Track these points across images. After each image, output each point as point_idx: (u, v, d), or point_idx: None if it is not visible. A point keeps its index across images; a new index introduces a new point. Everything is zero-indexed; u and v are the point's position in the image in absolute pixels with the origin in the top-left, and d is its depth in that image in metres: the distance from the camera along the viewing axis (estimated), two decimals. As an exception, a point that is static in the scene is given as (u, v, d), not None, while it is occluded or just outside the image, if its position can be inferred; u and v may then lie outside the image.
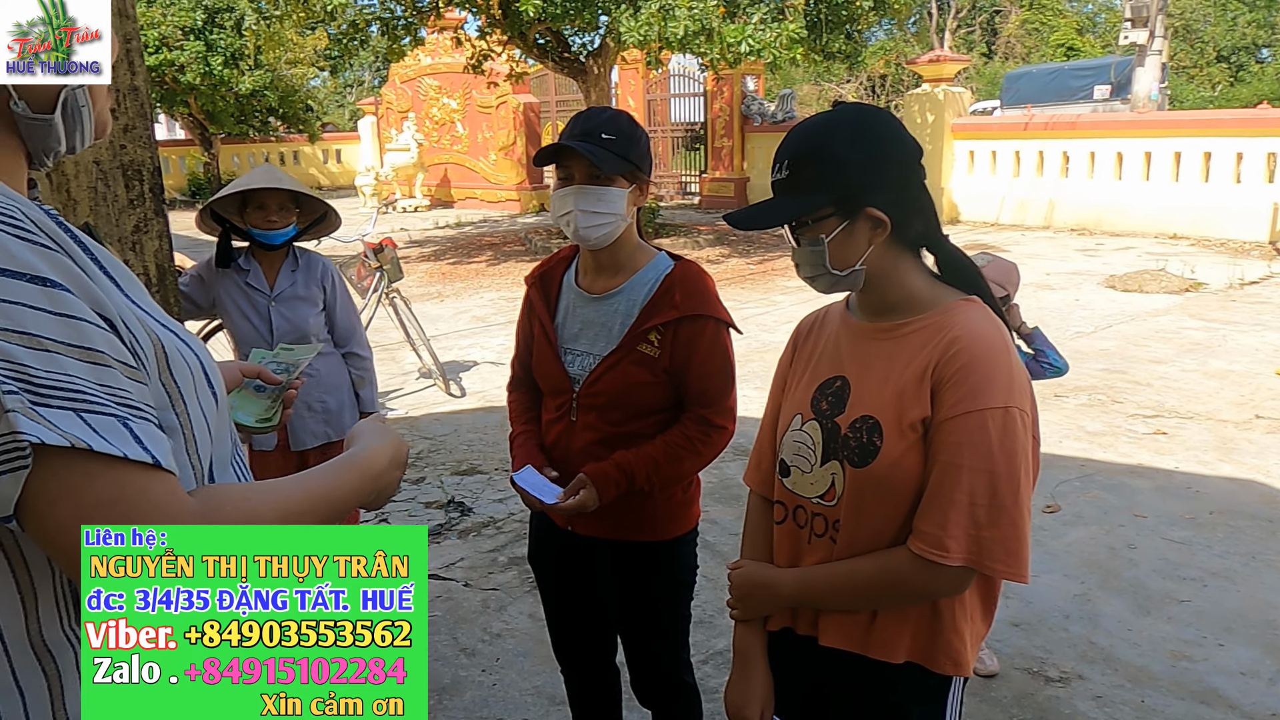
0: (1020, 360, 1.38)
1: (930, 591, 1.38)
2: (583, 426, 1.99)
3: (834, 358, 1.50)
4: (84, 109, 0.98)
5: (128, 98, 1.55)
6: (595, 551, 2.08)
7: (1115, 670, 2.99)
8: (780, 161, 1.40)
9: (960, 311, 1.39)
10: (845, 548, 1.43)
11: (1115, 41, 22.70)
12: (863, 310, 1.49)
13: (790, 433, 1.52)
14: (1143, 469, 4.68)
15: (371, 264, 6.55)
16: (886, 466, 1.37)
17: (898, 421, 1.36)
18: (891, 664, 1.43)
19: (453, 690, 2.99)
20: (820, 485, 1.46)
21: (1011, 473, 1.30)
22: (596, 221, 1.89)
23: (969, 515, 1.31)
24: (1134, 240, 11.75)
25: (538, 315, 2.07)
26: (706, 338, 1.93)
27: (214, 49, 19.42)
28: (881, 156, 1.38)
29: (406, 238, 14.40)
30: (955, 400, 1.32)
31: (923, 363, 1.36)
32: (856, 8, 11.25)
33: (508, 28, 11.58)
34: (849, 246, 1.38)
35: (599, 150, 1.85)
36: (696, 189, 18.30)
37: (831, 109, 1.44)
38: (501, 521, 4.30)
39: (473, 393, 6.48)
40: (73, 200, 1.54)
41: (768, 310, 8.63)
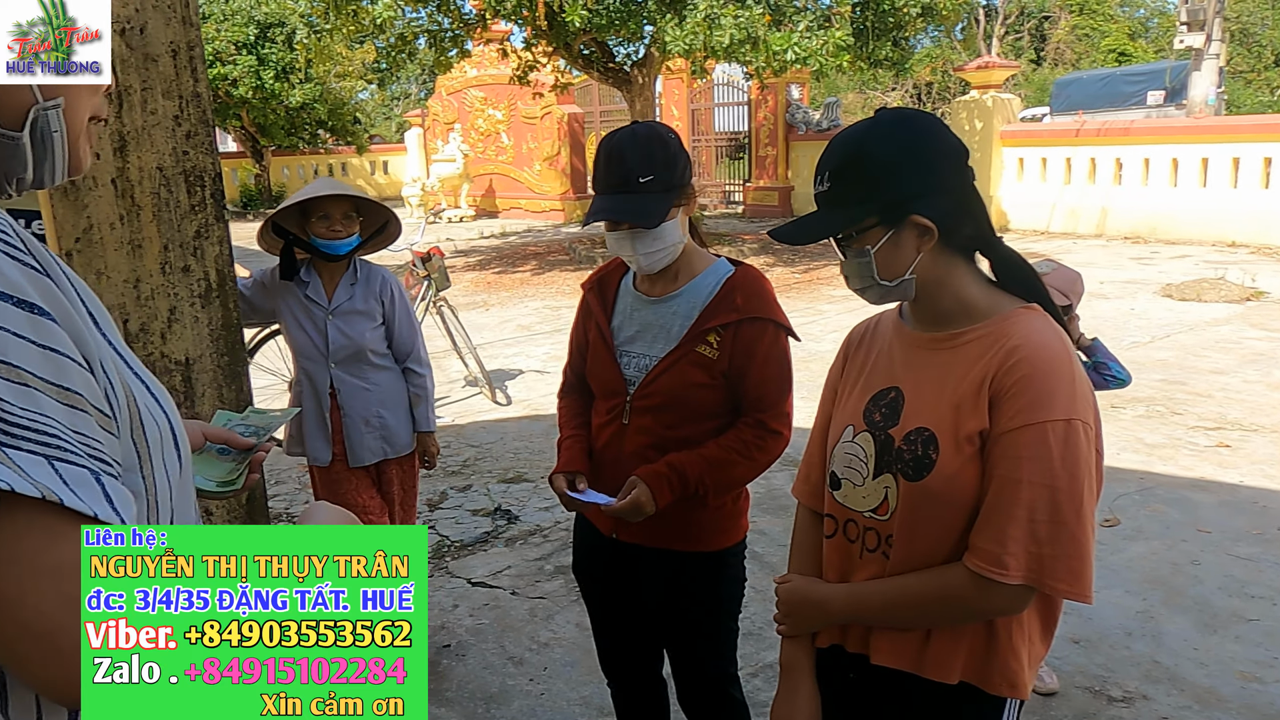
0: (1083, 371, 1.33)
1: (988, 610, 1.33)
2: (635, 430, 1.97)
3: (887, 368, 1.46)
4: (56, 135, 0.87)
5: (190, 104, 1.57)
6: (642, 562, 2.05)
7: (1181, 691, 2.89)
8: (821, 173, 1.37)
9: (1019, 320, 1.35)
10: (899, 563, 1.39)
11: (1169, 46, 22.26)
12: (916, 319, 1.45)
13: (841, 444, 1.48)
14: (1205, 483, 4.54)
15: (419, 273, 6.61)
16: (942, 480, 1.32)
17: (954, 434, 1.32)
18: (945, 684, 1.38)
19: (500, 699, 2.98)
20: (873, 499, 1.42)
21: (1074, 488, 1.25)
22: (658, 257, 1.91)
23: (1029, 532, 1.26)
24: (1190, 248, 11.46)
25: (594, 318, 2.06)
26: (766, 341, 1.91)
27: (266, 63, 19.84)
28: (924, 161, 1.33)
29: (452, 247, 14.54)
30: (1015, 412, 1.27)
31: (980, 373, 1.32)
32: (904, 14, 11.14)
33: (553, 39, 11.66)
34: (896, 256, 1.34)
35: (642, 204, 1.84)
36: (740, 198, 18.25)
37: (873, 115, 1.40)
38: (548, 530, 4.30)
39: (518, 401, 6.50)
40: (137, 206, 1.56)
41: (814, 320, 8.55)
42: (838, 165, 1.36)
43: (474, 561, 4.00)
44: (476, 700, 2.98)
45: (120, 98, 1.52)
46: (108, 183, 1.54)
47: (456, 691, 3.03)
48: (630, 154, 1.84)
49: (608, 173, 1.87)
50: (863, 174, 1.33)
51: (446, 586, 3.78)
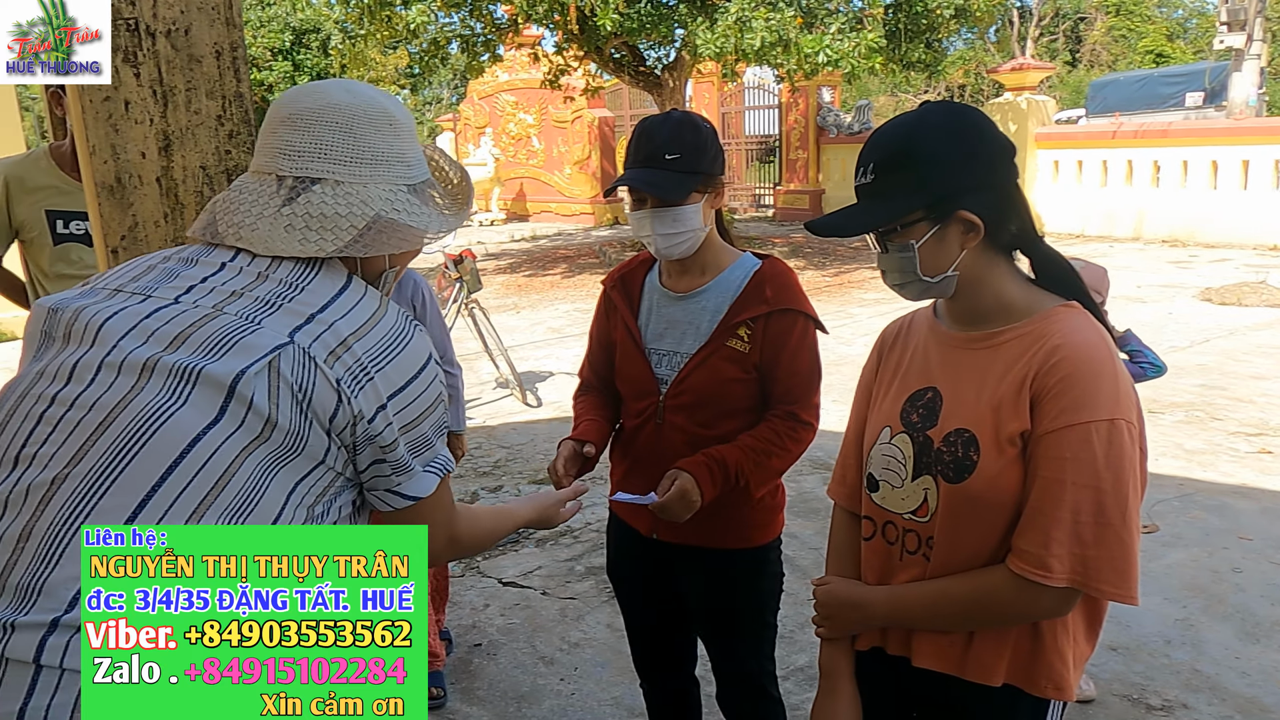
0: (1126, 370, 1.30)
1: (1032, 613, 1.31)
2: (670, 428, 1.96)
3: (923, 368, 1.44)
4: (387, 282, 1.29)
5: (233, 104, 1.59)
6: (680, 561, 2.05)
7: (1223, 700, 2.83)
8: (865, 165, 1.34)
9: (1060, 318, 1.32)
10: (940, 566, 1.37)
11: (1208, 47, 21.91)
12: (953, 318, 1.43)
13: (878, 446, 1.46)
14: (1247, 489, 4.45)
15: (451, 275, 6.66)
16: (984, 482, 1.30)
17: (995, 435, 1.30)
18: (989, 687, 1.36)
19: (531, 698, 2.99)
20: (912, 501, 1.40)
21: (1119, 488, 1.23)
22: (676, 240, 1.89)
23: (1073, 533, 1.24)
24: (1230, 251, 11.27)
25: (621, 317, 2.04)
26: (797, 332, 1.91)
27: (301, 68, 20.10)
28: (973, 156, 1.31)
29: (483, 251, 14.62)
30: (1057, 412, 1.25)
31: (1021, 373, 1.30)
32: (937, 16, 11.06)
33: (584, 43, 11.70)
34: (940, 252, 1.32)
35: (664, 179, 1.83)
36: (770, 201, 18.19)
37: (919, 108, 1.37)
38: (579, 531, 4.30)
39: (548, 403, 6.53)
40: (180, 204, 1.58)
41: (845, 323, 8.50)
42: (884, 157, 1.33)
43: (505, 561, 4.01)
44: (508, 699, 2.99)
45: (165, 98, 1.55)
46: (152, 181, 1.57)
47: (488, 690, 3.04)
48: (660, 132, 1.86)
49: (636, 149, 1.88)
50: (911, 166, 1.30)
51: (478, 586, 3.79)
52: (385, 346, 1.11)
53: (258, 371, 1.04)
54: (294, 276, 1.13)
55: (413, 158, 1.24)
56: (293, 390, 1.04)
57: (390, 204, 1.18)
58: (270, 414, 1.04)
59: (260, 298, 1.10)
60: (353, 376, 1.08)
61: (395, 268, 1.28)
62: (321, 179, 1.15)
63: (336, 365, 1.07)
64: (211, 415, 1.02)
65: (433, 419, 1.18)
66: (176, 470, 0.99)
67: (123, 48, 1.50)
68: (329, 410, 1.07)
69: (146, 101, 1.54)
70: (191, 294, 1.11)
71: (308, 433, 1.06)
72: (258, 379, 1.03)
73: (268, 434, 1.04)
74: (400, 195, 1.20)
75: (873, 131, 1.39)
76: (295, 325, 1.07)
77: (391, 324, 1.14)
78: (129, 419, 1.02)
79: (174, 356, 1.05)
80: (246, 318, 1.08)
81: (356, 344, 1.09)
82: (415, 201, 1.22)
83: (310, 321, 1.08)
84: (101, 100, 1.50)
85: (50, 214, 2.86)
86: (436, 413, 1.18)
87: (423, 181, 1.26)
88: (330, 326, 1.08)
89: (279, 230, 1.13)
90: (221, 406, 1.03)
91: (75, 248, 2.87)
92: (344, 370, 1.07)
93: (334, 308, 1.10)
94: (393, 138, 1.20)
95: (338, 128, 1.16)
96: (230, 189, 1.20)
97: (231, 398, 1.03)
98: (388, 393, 1.11)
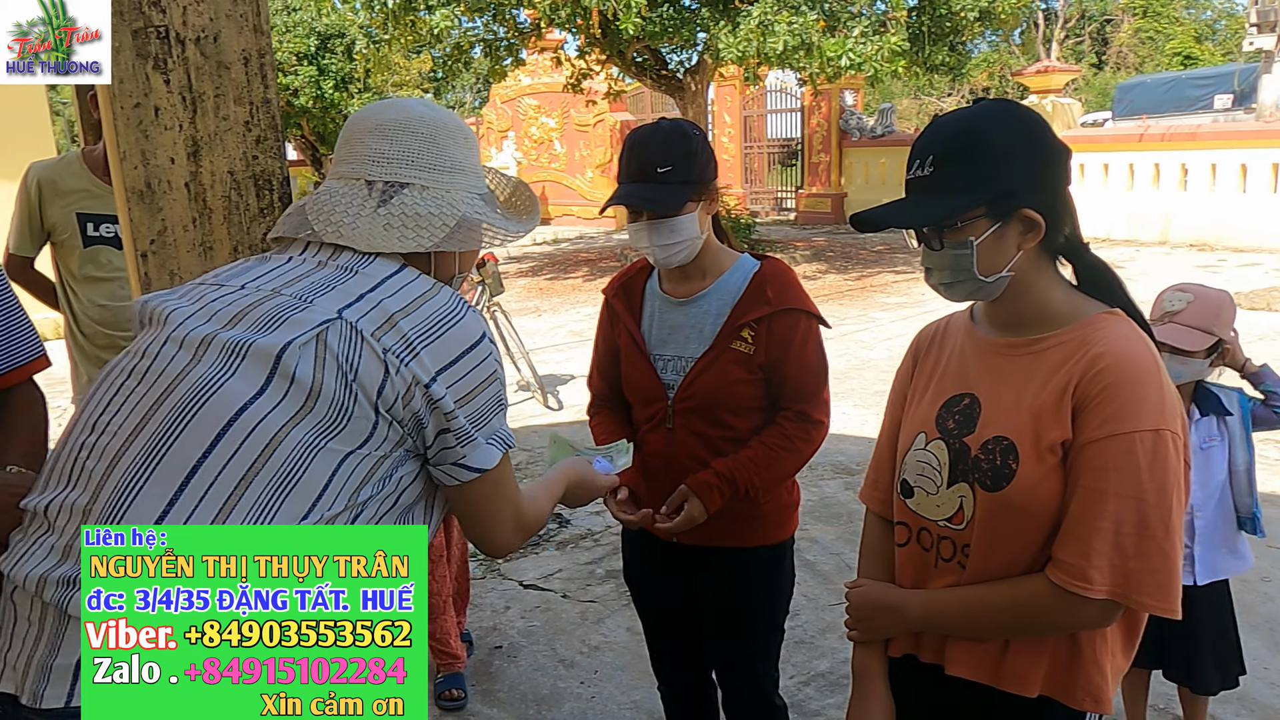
0: (1170, 379, 1.27)
1: (1071, 624, 1.29)
2: (680, 432, 1.97)
3: (959, 373, 1.42)
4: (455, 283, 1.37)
5: (260, 110, 1.61)
6: (699, 562, 2.05)
7: (1251, 711, 2.79)
8: (923, 157, 1.29)
9: (1103, 326, 1.30)
10: (975, 574, 1.35)
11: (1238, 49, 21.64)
12: (991, 323, 1.40)
13: (913, 451, 1.44)
14: (1275, 497, 4.38)
15: (473, 278, 6.68)
16: (1023, 491, 1.28)
17: (1035, 444, 1.28)
18: (1024, 698, 1.34)
19: (551, 701, 3.00)
20: (948, 508, 1.38)
21: (1163, 500, 1.21)
22: (675, 250, 1.91)
23: (1114, 545, 1.22)
24: (1260, 256, 11.11)
25: (624, 324, 2.06)
26: (801, 331, 1.92)
27: (326, 73, 20.25)
28: (1037, 154, 1.28)
29: (505, 254, 14.67)
30: (1100, 422, 1.23)
31: (1062, 381, 1.27)
32: (961, 19, 11.00)
33: (607, 46, 11.73)
34: (998, 251, 1.28)
35: (658, 193, 1.85)
36: (792, 205, 18.14)
37: (975, 103, 1.34)
38: (599, 534, 4.31)
39: (569, 405, 6.54)
40: (208, 209, 1.61)
41: (866, 327, 8.47)
42: (946, 150, 1.28)
43: (525, 564, 4.03)
44: (528, 702, 3.00)
45: (194, 104, 1.58)
46: (181, 186, 1.60)
47: (508, 693, 3.05)
48: (650, 145, 1.87)
49: (628, 163, 1.90)
50: (976, 160, 1.26)
51: (499, 589, 3.81)
52: (434, 323, 1.17)
53: (304, 343, 1.11)
54: (351, 263, 1.21)
55: (479, 168, 1.37)
56: (339, 362, 1.10)
57: (471, 207, 1.31)
58: (313, 385, 1.09)
59: (316, 281, 1.19)
60: (402, 348, 1.13)
61: (464, 271, 1.39)
62: (409, 184, 1.27)
63: (384, 338, 1.13)
64: (258, 385, 1.09)
65: (488, 394, 1.22)
66: (225, 438, 1.06)
67: (153, 55, 1.53)
68: (375, 382, 1.12)
69: (176, 108, 1.56)
70: (256, 281, 1.21)
71: (352, 406, 1.11)
72: (304, 350, 1.10)
73: (311, 404, 1.09)
74: (475, 201, 1.33)
75: (930, 124, 1.35)
76: (345, 304, 1.15)
77: (441, 304, 1.20)
78: (185, 389, 1.10)
79: (229, 333, 1.13)
80: (300, 297, 1.16)
81: (403, 320, 1.15)
82: (487, 208, 1.35)
83: (359, 300, 1.15)
84: (132, 107, 1.53)
85: (81, 217, 2.90)
86: (492, 389, 1.23)
87: (489, 191, 1.39)
88: (378, 304, 1.15)
89: (378, 229, 1.23)
90: (268, 377, 1.10)
91: (104, 250, 2.91)
92: (393, 343, 1.13)
93: (383, 288, 1.18)
94: (467, 150, 1.34)
95: (423, 138, 1.28)
96: (318, 193, 1.31)
97: (276, 369, 1.10)
98: (436, 367, 1.15)
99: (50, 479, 1.15)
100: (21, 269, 3.03)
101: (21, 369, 1.63)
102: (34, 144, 7.95)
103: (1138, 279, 10.09)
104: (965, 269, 1.29)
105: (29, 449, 1.58)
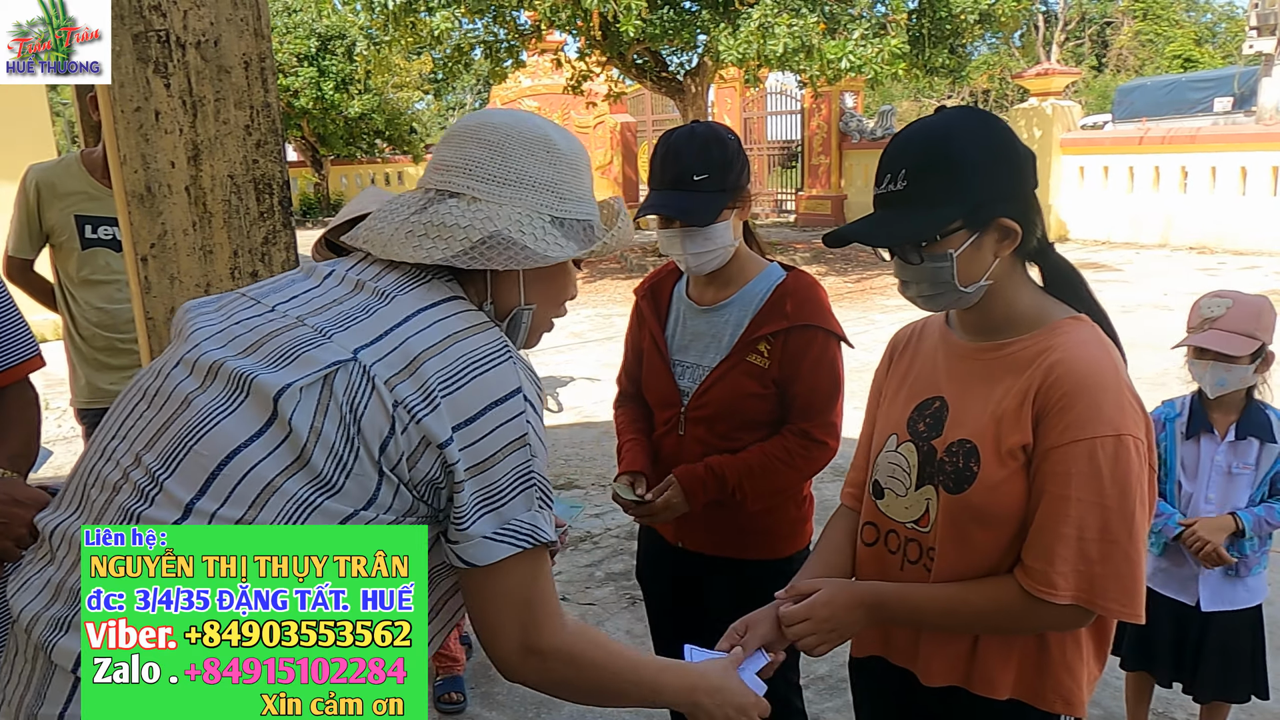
0: (1131, 383, 1.27)
1: (1039, 626, 1.31)
2: (691, 440, 1.96)
3: (931, 377, 1.43)
4: (521, 327, 1.21)
5: (260, 114, 1.61)
6: (706, 570, 2.05)
7: (1251, 716, 2.79)
8: (894, 170, 1.27)
9: (1065, 331, 1.30)
10: (941, 576, 1.35)
11: (1238, 51, 21.66)
12: (964, 328, 1.41)
13: (885, 453, 1.45)
14: (1276, 501, 4.38)
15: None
16: (983, 493, 1.29)
17: (996, 447, 1.29)
18: (994, 700, 1.34)
19: (550, 704, 2.99)
20: (914, 510, 1.39)
21: (1125, 505, 1.22)
22: (708, 258, 1.88)
23: (1078, 550, 1.23)
24: (1260, 259, 11.12)
25: (649, 327, 2.06)
26: (815, 349, 1.88)
27: (326, 74, 20.29)
28: (1006, 161, 1.28)
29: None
30: (1062, 428, 1.23)
31: (1023, 387, 1.28)
32: (961, 21, 11.01)
33: (607, 48, 11.74)
34: (976, 261, 1.28)
35: (695, 202, 1.81)
36: (793, 207, 18.15)
37: (939, 113, 1.32)
38: (599, 536, 4.31)
39: (570, 408, 6.54)
40: (208, 213, 1.61)
41: (866, 329, 8.48)
42: (918, 162, 1.26)
43: (525, 567, 4.02)
44: (527, 705, 2.99)
45: (195, 108, 1.57)
46: (181, 190, 1.59)
47: (507, 695, 3.05)
48: (686, 152, 1.83)
49: (663, 169, 1.86)
50: (950, 171, 1.25)
51: (498, 591, 3.80)
52: (460, 369, 1.02)
53: (307, 385, 1.00)
54: (390, 287, 1.09)
55: (569, 191, 1.17)
56: (342, 411, 0.99)
57: (519, 225, 1.12)
58: (310, 434, 0.99)
59: (344, 311, 1.07)
60: (418, 400, 1.00)
61: (531, 306, 1.19)
62: (460, 194, 1.13)
63: (400, 387, 1.00)
64: (255, 428, 1.00)
65: (509, 465, 1.03)
66: (216, 481, 0.99)
67: (154, 59, 1.52)
68: (379, 436, 0.99)
69: (176, 112, 1.56)
70: (289, 304, 1.11)
71: (351, 462, 0.99)
72: (306, 394, 1.00)
73: (308, 456, 0.99)
74: (537, 221, 1.14)
75: (894, 137, 1.34)
76: (364, 342, 1.02)
77: (474, 346, 1.04)
78: (187, 419, 1.03)
79: (239, 362, 1.04)
80: (321, 330, 1.05)
81: (429, 362, 1.01)
82: (555, 233, 1.15)
83: (382, 338, 1.03)
84: (133, 110, 1.53)
85: (79, 219, 2.90)
86: (514, 458, 1.03)
87: (577, 219, 1.18)
88: (402, 343, 1.02)
89: (399, 236, 1.11)
90: (266, 421, 1.00)
91: (103, 253, 2.91)
92: (409, 392, 1.00)
93: (413, 321, 1.05)
94: (547, 165, 1.15)
95: (489, 146, 1.14)
96: (389, 200, 1.21)
97: (275, 413, 1.00)
98: (454, 422, 1.00)
99: (64, 498, 1.11)
100: (21, 271, 3.03)
101: (15, 369, 1.63)
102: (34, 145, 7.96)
103: (1138, 281, 10.09)
104: (945, 281, 1.29)
105: (20, 449, 1.57)
